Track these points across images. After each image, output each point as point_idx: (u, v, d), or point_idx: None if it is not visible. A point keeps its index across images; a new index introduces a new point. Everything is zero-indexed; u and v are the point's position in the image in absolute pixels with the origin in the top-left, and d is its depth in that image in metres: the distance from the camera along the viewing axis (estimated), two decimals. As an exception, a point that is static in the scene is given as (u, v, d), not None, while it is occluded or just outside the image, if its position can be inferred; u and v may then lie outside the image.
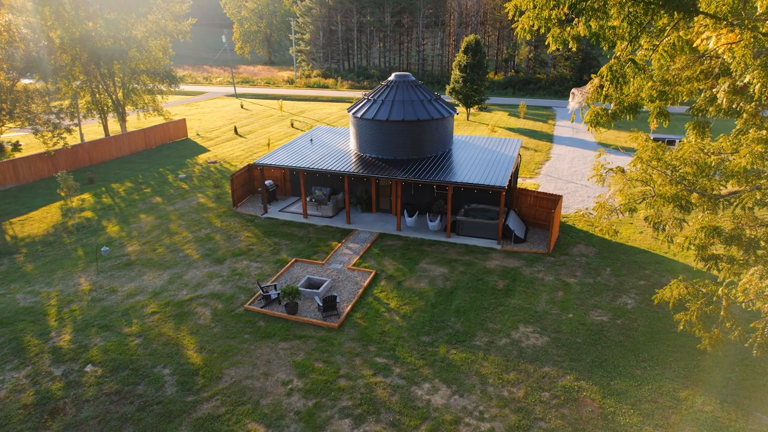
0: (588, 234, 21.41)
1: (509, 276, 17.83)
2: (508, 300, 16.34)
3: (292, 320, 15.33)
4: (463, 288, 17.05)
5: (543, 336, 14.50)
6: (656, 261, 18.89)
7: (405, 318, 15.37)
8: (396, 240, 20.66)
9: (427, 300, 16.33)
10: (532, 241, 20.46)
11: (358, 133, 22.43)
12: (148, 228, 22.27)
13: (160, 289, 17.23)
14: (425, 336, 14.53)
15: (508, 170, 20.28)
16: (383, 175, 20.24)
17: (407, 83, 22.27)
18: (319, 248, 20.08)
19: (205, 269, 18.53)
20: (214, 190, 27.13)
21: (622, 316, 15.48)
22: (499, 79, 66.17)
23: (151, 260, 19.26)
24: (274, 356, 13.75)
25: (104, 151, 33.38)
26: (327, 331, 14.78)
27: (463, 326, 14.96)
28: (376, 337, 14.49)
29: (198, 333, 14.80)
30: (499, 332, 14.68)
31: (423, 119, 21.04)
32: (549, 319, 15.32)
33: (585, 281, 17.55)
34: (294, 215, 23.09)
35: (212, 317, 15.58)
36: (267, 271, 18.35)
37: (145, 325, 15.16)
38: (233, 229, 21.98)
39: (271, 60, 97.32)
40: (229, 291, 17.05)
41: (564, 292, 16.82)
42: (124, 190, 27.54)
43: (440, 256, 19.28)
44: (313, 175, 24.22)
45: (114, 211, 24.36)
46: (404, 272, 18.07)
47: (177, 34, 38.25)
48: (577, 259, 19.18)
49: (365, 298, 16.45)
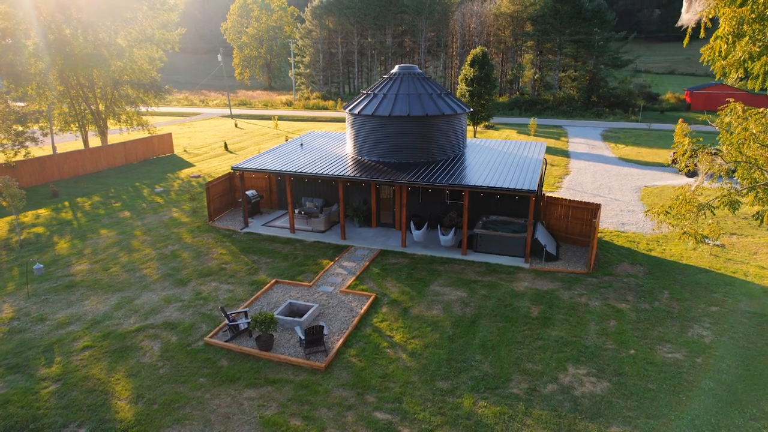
0: (630, 251, 17.84)
1: (544, 301, 14.16)
2: (546, 331, 12.62)
3: (264, 358, 11.60)
4: (487, 316, 13.36)
5: (601, 380, 10.73)
6: (725, 282, 15.22)
7: (414, 356, 11.64)
8: (400, 258, 17.09)
9: (443, 332, 12.62)
10: (566, 259, 16.87)
11: (355, 133, 19.21)
12: (105, 245, 18.74)
13: (101, 316, 13.55)
14: (442, 381, 10.76)
15: (536, 173, 16.92)
16: (385, 179, 16.86)
17: (413, 75, 19.23)
18: (307, 267, 16.48)
19: (162, 292, 14.89)
20: (190, 203, 23.73)
21: (700, 352, 11.72)
22: (504, 101, 64.02)
23: (98, 281, 15.65)
24: (236, 409, 9.97)
25: (76, 164, 30.22)
26: (310, 374, 11.03)
27: (492, 367, 11.20)
28: (375, 382, 10.73)
29: (138, 375, 11.05)
30: (542, 375, 10.91)
31: (432, 115, 17.84)
32: (604, 356, 11.57)
33: (640, 307, 13.86)
34: (279, 230, 19.60)
35: (161, 354, 11.85)
36: (239, 294, 14.70)
37: (69, 365, 11.42)
38: (205, 245, 18.43)
39: (271, 86, 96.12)
40: (189, 319, 13.36)
41: (617, 321, 13.12)
42: (90, 205, 24.15)
43: (456, 276, 15.66)
44: (303, 184, 20.87)
45: (71, 227, 20.89)
46: (412, 296, 14.42)
47: (164, 43, 35.86)
48: (624, 280, 15.54)
49: (362, 329, 12.75)
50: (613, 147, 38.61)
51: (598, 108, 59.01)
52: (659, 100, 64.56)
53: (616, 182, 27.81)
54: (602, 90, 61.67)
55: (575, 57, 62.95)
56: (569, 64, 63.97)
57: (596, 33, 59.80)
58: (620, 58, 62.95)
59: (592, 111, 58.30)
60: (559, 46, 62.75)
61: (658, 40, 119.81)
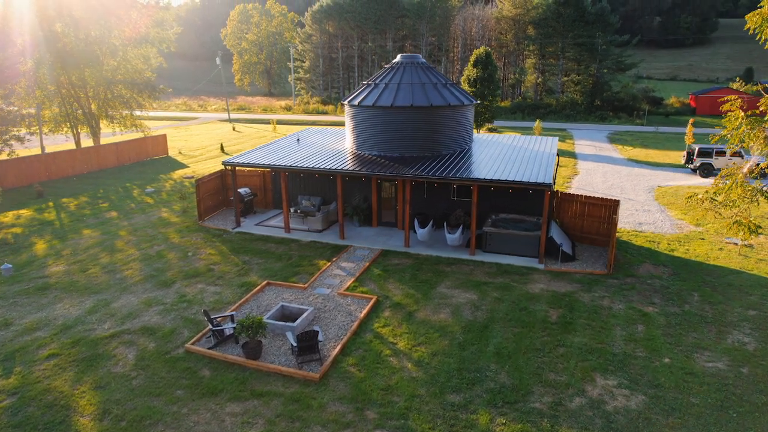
0: (651, 251, 16.54)
1: (563, 304, 12.83)
2: (568, 337, 11.29)
3: (251, 368, 10.26)
4: (501, 320, 12.03)
5: (636, 393, 9.38)
6: (761, 284, 13.89)
7: (421, 365, 10.30)
8: (404, 258, 15.78)
9: (452, 338, 11.29)
10: (583, 259, 15.56)
11: (355, 126, 18.01)
12: (86, 245, 17.46)
13: (73, 321, 12.23)
14: (454, 394, 9.41)
15: (550, 167, 15.68)
16: (387, 172, 15.61)
17: (416, 65, 18.08)
18: (302, 268, 15.17)
19: (143, 294, 13.57)
20: (181, 203, 22.48)
21: (745, 362, 10.37)
22: (506, 105, 63.02)
23: (75, 283, 14.34)
24: (216, 427, 8.62)
25: (65, 164, 29.02)
26: (302, 386, 9.69)
27: (510, 378, 9.85)
28: (377, 395, 9.39)
29: (106, 387, 9.70)
30: (567, 387, 9.56)
31: (438, 105, 16.64)
32: (635, 365, 10.23)
33: (669, 311, 12.53)
34: (274, 229, 18.32)
35: (135, 362, 10.52)
36: (227, 297, 13.38)
37: (30, 376, 10.08)
38: (193, 245, 17.15)
39: (271, 92, 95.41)
40: (170, 324, 12.04)
41: (645, 326, 11.78)
42: (76, 205, 22.90)
43: (464, 277, 14.34)
44: (299, 181, 19.64)
45: (52, 227, 19.62)
46: (417, 299, 13.09)
47: (160, 42, 34.88)
48: (647, 281, 14.22)
49: (362, 335, 11.43)
50: (621, 149, 37.46)
51: (602, 112, 58.01)
52: (664, 104, 63.61)
53: (627, 182, 26.58)
54: (606, 94, 60.72)
55: (578, 60, 62.08)
56: (572, 68, 63.11)
57: (599, 36, 59.03)
58: (624, 62, 62.12)
59: (596, 115, 57.30)
60: (562, 49, 61.93)
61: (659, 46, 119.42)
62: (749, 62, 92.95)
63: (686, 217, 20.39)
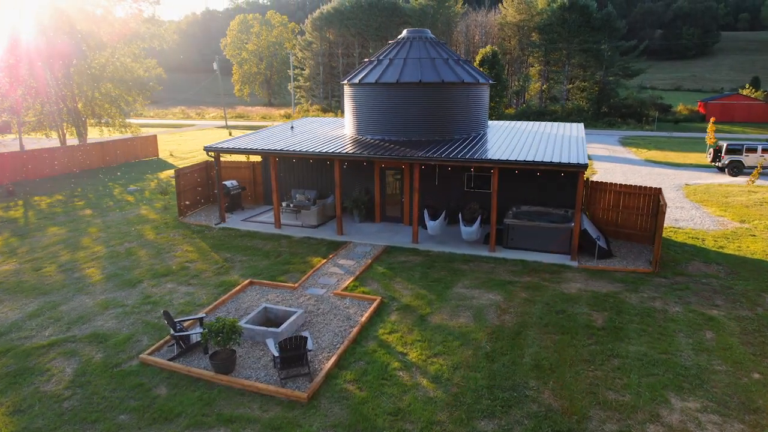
0: (696, 248, 14.31)
1: (608, 306, 10.55)
2: (621, 345, 8.99)
3: (221, 384, 7.95)
4: (535, 326, 9.74)
5: (729, 419, 7.05)
6: (841, 283, 11.63)
7: (439, 381, 7.99)
8: (412, 255, 13.54)
9: (477, 347, 8.98)
10: (621, 256, 13.32)
11: (356, 108, 15.94)
12: (47, 243, 15.24)
13: (7, 327, 9.94)
14: (485, 419, 7.09)
15: (582, 148, 13.55)
16: (393, 155, 13.46)
17: (424, 39, 16.09)
18: (293, 266, 12.92)
19: (101, 296, 11.31)
20: (162, 197, 20.33)
21: None
22: (510, 113, 61.34)
23: (22, 283, 12.08)
24: (165, 467, 6.29)
25: (44, 164, 26.92)
26: (285, 409, 7.37)
27: (556, 398, 7.53)
28: (383, 421, 7.06)
29: (27, 412, 7.39)
30: (635, 410, 7.24)
31: (450, 82, 14.58)
32: (718, 382, 7.92)
33: (739, 314, 10.24)
34: (262, 225, 16.11)
35: (73, 378, 8.21)
36: (200, 298, 11.11)
37: (-67, 395, 7.77)
38: (169, 242, 14.92)
39: (271, 102, 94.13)
40: (126, 329, 9.75)
41: (715, 333, 9.48)
42: (48, 204, 20.74)
43: (485, 276, 12.08)
44: (293, 173, 17.51)
45: (15, 225, 17.43)
46: (430, 300, 10.82)
47: (151, 38, 33.19)
48: (702, 281, 11.95)
49: (363, 344, 9.13)
50: (635, 151, 35.47)
51: (609, 118, 56.30)
52: (672, 111, 61.95)
53: (651, 181, 24.46)
54: (613, 100, 59.11)
55: (584, 67, 60.61)
56: (577, 74, 61.60)
57: (605, 42, 57.65)
58: (631, 68, 60.64)
59: (603, 121, 55.54)
60: (567, 55, 60.52)
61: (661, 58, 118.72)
62: (753, 73, 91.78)
63: (727, 213, 18.21)
